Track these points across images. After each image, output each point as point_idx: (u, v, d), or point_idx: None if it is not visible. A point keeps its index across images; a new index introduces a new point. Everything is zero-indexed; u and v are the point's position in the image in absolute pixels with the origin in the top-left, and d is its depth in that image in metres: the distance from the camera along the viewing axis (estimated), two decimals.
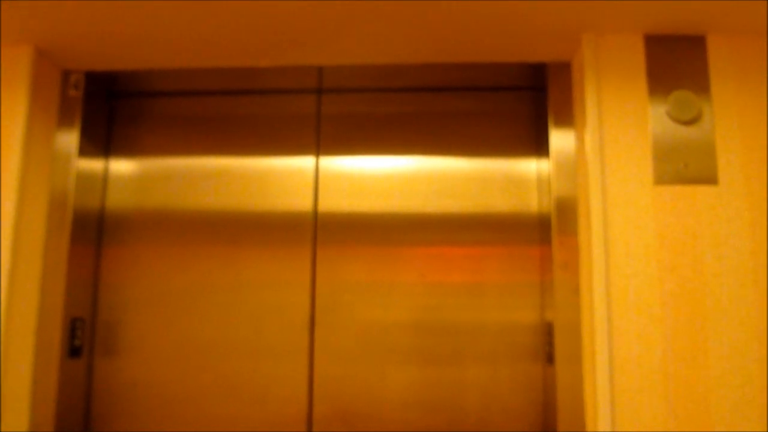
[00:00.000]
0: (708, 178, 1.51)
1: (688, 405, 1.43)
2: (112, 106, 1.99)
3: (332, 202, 1.90)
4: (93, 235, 1.89)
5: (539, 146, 1.88)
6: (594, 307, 1.48)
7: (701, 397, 1.43)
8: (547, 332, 1.73)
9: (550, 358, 1.69)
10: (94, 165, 1.90)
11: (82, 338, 1.80)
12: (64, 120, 1.78)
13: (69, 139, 1.78)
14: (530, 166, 1.89)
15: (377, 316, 1.83)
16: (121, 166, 1.96)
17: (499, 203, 1.88)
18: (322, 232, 1.89)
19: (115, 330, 1.86)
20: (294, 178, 1.92)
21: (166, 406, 1.83)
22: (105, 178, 1.95)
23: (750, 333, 1.45)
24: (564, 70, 1.72)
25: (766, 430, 1.41)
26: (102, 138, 1.95)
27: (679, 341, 1.45)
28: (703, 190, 1.51)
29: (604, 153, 1.54)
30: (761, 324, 1.45)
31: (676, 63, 1.57)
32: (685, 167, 1.51)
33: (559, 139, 1.70)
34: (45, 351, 1.66)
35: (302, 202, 1.91)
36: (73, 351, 1.76)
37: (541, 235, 1.84)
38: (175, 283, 1.88)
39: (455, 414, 1.78)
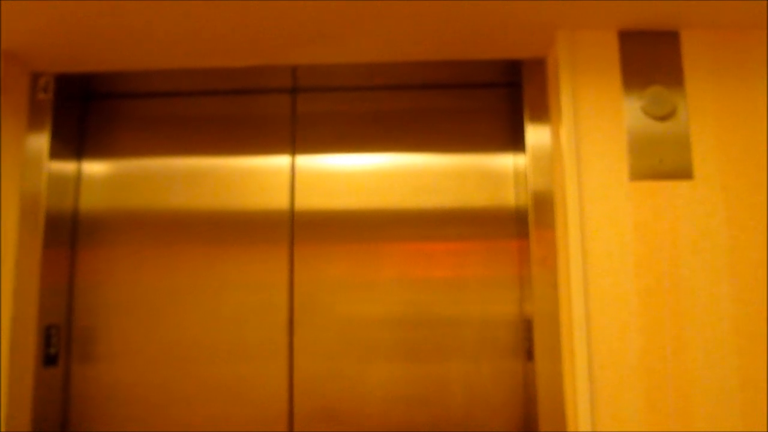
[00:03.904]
0: (684, 173, 1.52)
1: (668, 398, 1.44)
2: (85, 108, 1.96)
3: (309, 201, 1.89)
4: (67, 238, 1.86)
5: (516, 141, 1.88)
6: (572, 302, 1.48)
7: (680, 390, 1.44)
8: (527, 328, 1.73)
9: (529, 354, 1.69)
10: (66, 167, 1.86)
11: (58, 345, 1.78)
12: (34, 123, 1.75)
13: (39, 142, 1.75)
14: (507, 161, 1.89)
15: (356, 313, 1.83)
16: (95, 168, 1.93)
17: (477, 198, 1.87)
18: (300, 230, 1.87)
19: (92, 335, 1.84)
20: (270, 177, 1.91)
21: (146, 411, 1.80)
22: (78, 179, 1.92)
23: (727, 327, 1.46)
24: (539, 66, 1.72)
25: (744, 422, 1.42)
26: (74, 140, 1.91)
27: (658, 336, 1.46)
28: (679, 185, 1.52)
29: (579, 149, 1.54)
30: (738, 317, 1.46)
31: (650, 58, 1.58)
32: (661, 162, 1.52)
33: (535, 134, 1.70)
34: (19, 361, 1.64)
35: (278, 201, 1.89)
36: (48, 359, 1.73)
37: (519, 229, 1.84)
38: (151, 284, 1.86)
39: (437, 410, 1.78)
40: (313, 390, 1.80)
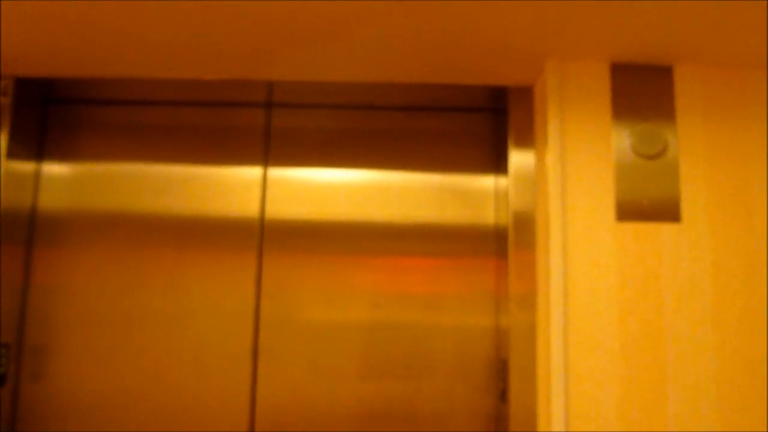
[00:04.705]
0: (671, 215, 1.46)
1: None
2: (46, 112, 1.89)
3: (280, 211, 1.84)
4: (23, 237, 1.79)
5: (498, 164, 1.84)
6: (551, 346, 1.42)
7: None
8: (502, 369, 1.67)
9: (503, 396, 1.63)
10: (25, 167, 1.80)
11: (7, 366, 1.69)
12: None
13: None
14: (488, 182, 1.85)
15: (323, 323, 1.78)
16: (56, 169, 1.86)
17: (455, 215, 1.83)
18: (269, 240, 1.82)
19: (45, 349, 1.76)
20: (241, 187, 1.85)
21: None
22: (37, 180, 1.85)
23: (710, 378, 1.41)
24: (526, 93, 1.67)
25: None
26: (35, 142, 1.85)
27: (637, 386, 1.41)
28: (666, 228, 1.46)
29: (565, 181, 1.49)
30: (721, 369, 1.41)
31: (642, 92, 1.52)
32: (649, 204, 1.46)
33: (519, 157, 1.67)
34: None
35: (249, 210, 1.84)
36: None
37: (497, 247, 1.80)
38: (111, 289, 1.80)
39: (405, 428, 1.73)
40: (276, 401, 1.75)
